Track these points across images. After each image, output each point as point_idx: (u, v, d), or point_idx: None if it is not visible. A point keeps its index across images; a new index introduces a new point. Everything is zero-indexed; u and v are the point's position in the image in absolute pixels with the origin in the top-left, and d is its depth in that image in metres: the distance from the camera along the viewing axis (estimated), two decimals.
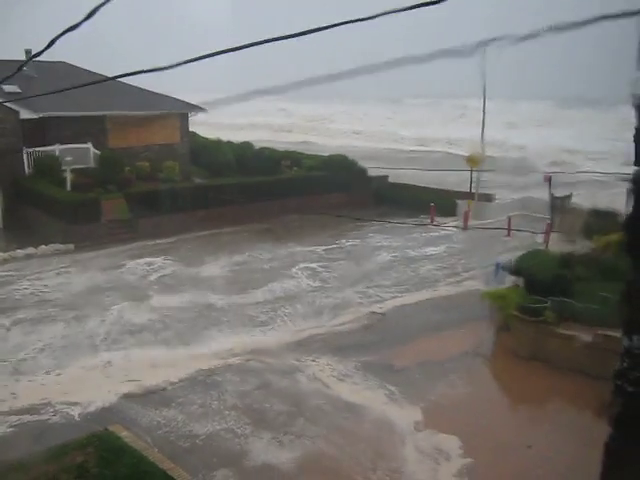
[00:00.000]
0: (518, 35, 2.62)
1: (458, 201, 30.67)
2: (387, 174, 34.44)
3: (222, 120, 61.61)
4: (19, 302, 18.91)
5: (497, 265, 19.12)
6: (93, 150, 28.64)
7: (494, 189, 32.91)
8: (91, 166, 28.41)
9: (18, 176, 27.68)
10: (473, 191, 30.54)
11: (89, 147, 28.51)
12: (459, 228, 26.38)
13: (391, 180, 34.53)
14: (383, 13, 2.83)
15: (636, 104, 2.03)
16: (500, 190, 33.69)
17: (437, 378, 14.44)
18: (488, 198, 31.59)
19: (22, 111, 27.42)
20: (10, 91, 26.81)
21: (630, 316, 2.12)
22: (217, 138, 35.90)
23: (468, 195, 30.45)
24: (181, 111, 32.65)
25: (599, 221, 19.15)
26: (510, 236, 24.50)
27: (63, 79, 26.75)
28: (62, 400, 13.03)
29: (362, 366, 14.87)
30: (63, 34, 3.92)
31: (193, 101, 33.21)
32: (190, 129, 33.92)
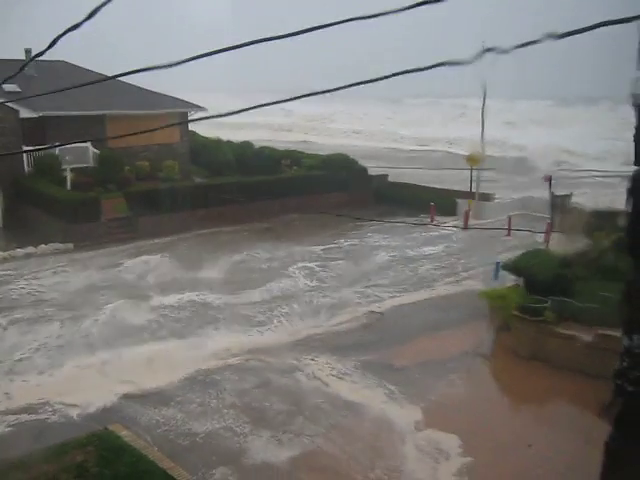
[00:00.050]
0: (516, 43, 2.62)
1: (458, 200, 30.66)
2: (387, 173, 34.44)
3: (222, 119, 61.47)
4: (15, 301, 18.93)
5: (497, 265, 19.13)
6: (92, 149, 28.65)
7: (494, 188, 32.88)
8: (90, 165, 28.41)
9: (18, 175, 27.69)
10: (473, 190, 30.52)
11: (88, 146, 28.50)
12: (459, 227, 26.37)
13: (391, 179, 34.52)
14: (383, 13, 2.82)
15: (635, 104, 2.03)
16: (500, 189, 33.66)
17: (437, 377, 14.43)
18: (488, 197, 31.57)
19: (22, 110, 27.42)
20: (10, 90, 26.79)
21: (630, 316, 2.11)
22: (217, 137, 35.83)
23: (468, 194, 30.42)
24: (181, 110, 32.61)
25: (599, 221, 19.13)
26: (510, 236, 24.50)
27: (63, 78, 26.77)
28: (59, 400, 13.02)
29: (361, 365, 14.87)
30: (64, 34, 3.90)
31: (193, 101, 33.20)
32: (190, 128, 33.89)
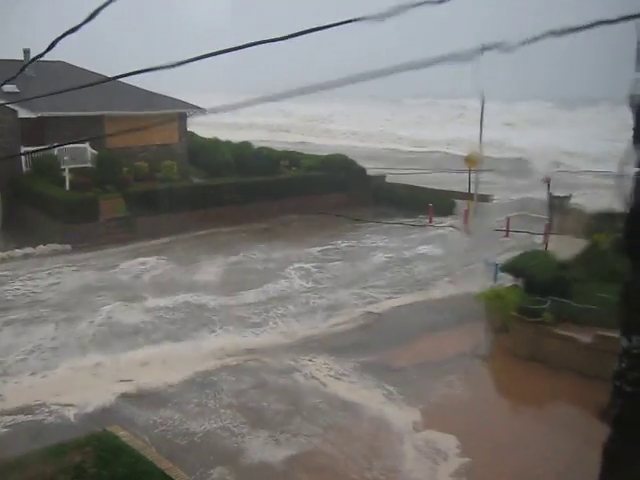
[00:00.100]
0: (516, 41, 2.62)
1: (456, 201, 30.66)
2: (385, 174, 34.42)
3: (220, 120, 61.48)
4: (11, 302, 18.92)
5: (495, 266, 19.11)
6: (90, 150, 28.62)
7: (493, 190, 32.89)
8: (89, 166, 28.38)
9: (16, 175, 27.64)
10: (472, 191, 30.51)
11: (86, 147, 28.48)
12: (457, 228, 26.37)
13: (390, 180, 34.50)
14: (383, 14, 2.83)
15: (634, 105, 2.03)
16: (499, 191, 33.67)
17: (435, 378, 14.42)
18: (487, 199, 31.56)
19: (20, 110, 27.38)
20: (8, 91, 26.74)
21: (628, 317, 2.12)
22: (215, 138, 35.77)
23: (467, 195, 30.40)
24: (179, 111, 32.60)
25: (599, 222, 19.14)
26: (508, 237, 24.50)
27: (62, 79, 26.74)
28: (55, 401, 13.01)
29: (359, 366, 14.86)
30: (64, 36, 3.90)
31: (194, 102, 33.15)
32: (188, 129, 33.87)
